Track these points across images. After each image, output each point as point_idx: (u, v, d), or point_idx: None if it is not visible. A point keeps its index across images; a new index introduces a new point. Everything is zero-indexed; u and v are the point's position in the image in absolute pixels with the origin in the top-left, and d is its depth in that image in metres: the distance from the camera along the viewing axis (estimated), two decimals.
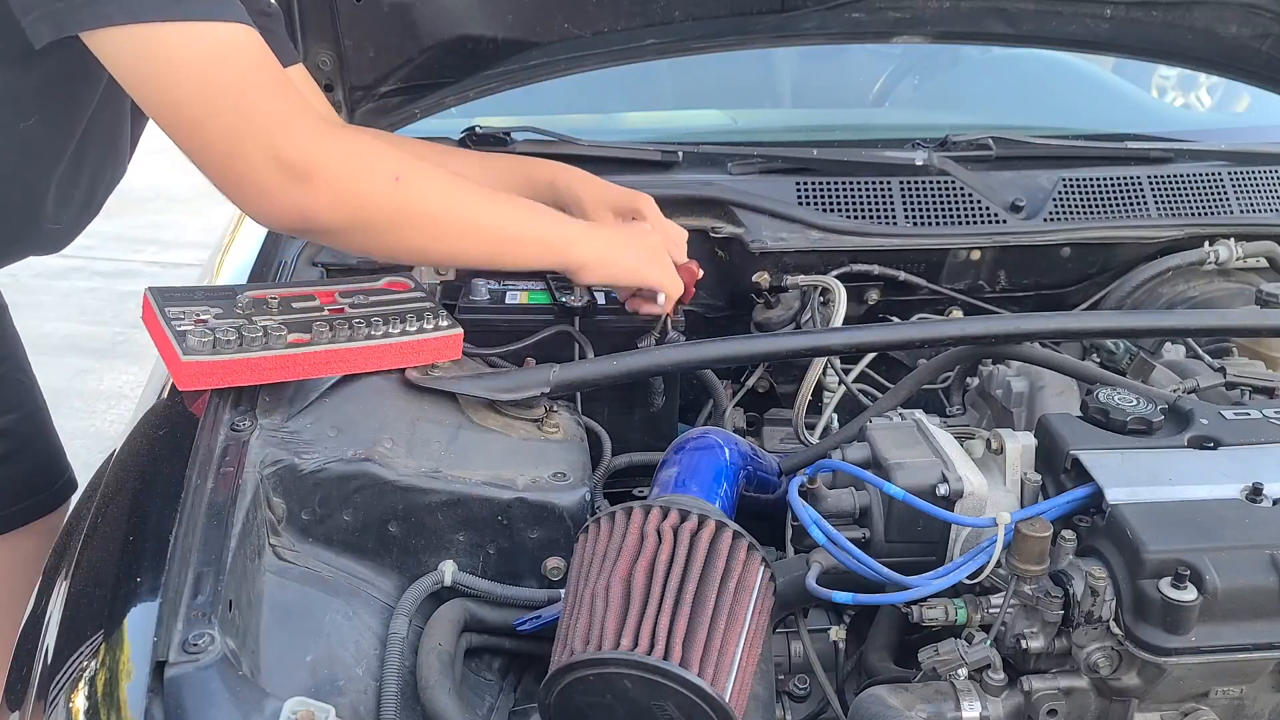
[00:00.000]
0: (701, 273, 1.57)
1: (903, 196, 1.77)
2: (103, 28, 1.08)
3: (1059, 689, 1.08)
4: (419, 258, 1.40)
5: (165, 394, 1.40)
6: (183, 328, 1.20)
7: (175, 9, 1.08)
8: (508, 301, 1.56)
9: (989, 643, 1.09)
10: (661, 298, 1.45)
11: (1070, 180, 1.82)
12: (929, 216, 1.76)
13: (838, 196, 1.76)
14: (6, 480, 1.60)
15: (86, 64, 1.13)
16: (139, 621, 1.00)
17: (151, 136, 1.48)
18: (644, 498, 1.19)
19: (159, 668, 0.90)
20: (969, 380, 1.64)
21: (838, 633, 1.26)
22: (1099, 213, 1.81)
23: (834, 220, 1.73)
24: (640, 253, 1.43)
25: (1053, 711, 1.07)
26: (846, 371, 1.67)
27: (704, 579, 1.04)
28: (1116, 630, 1.05)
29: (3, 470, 1.59)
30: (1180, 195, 1.85)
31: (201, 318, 1.23)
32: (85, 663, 1.00)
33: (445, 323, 1.33)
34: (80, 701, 0.98)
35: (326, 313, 1.29)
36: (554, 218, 1.41)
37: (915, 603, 1.13)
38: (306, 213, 1.18)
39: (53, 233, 1.52)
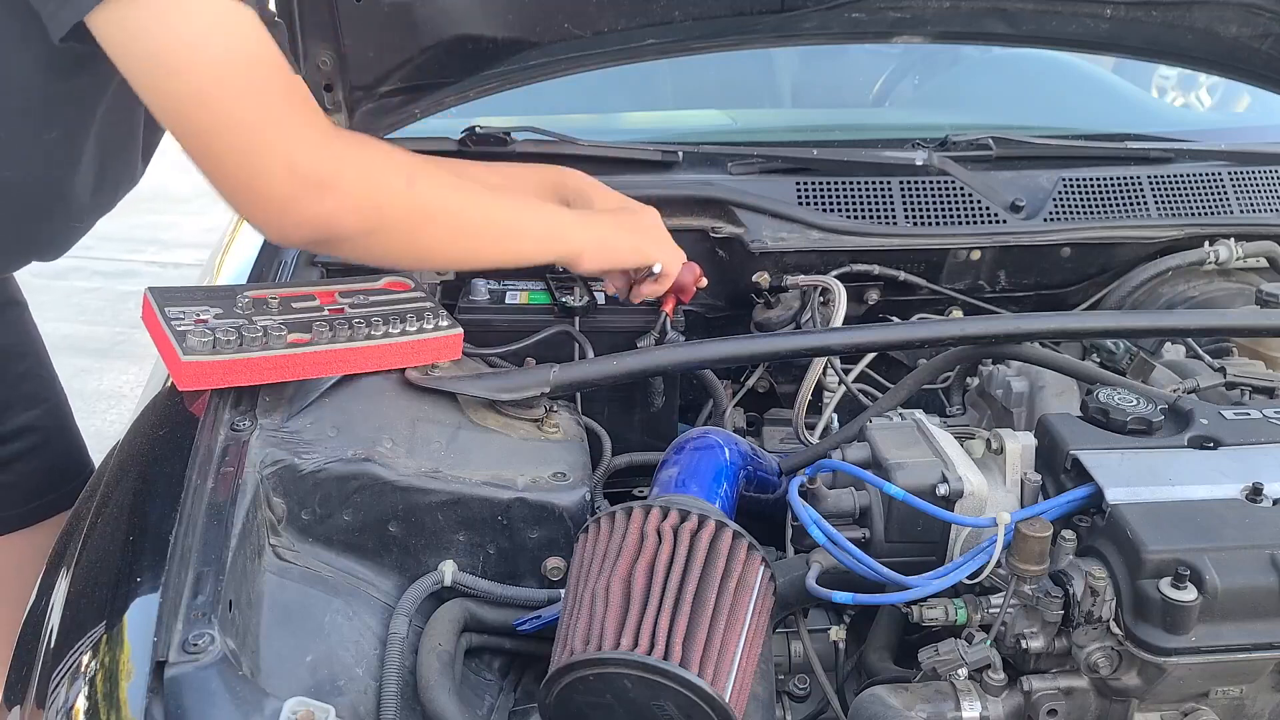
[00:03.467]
0: (705, 281, 1.57)
1: (903, 196, 1.77)
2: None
3: (1059, 689, 1.08)
4: (431, 259, 1.39)
5: (165, 394, 1.40)
6: (183, 328, 1.20)
7: None
8: (508, 301, 1.56)
9: (989, 643, 1.09)
10: (658, 266, 1.45)
11: (1070, 180, 1.82)
12: (929, 216, 1.76)
13: (838, 196, 1.76)
14: (30, 475, 1.61)
15: (99, 75, 1.12)
16: (139, 621, 1.00)
17: None
18: (644, 498, 1.19)
19: (159, 667, 0.90)
20: (969, 380, 1.64)
21: (838, 633, 1.26)
22: (1099, 213, 1.81)
23: (834, 220, 1.73)
24: (636, 233, 1.45)
25: (1053, 711, 1.07)
26: (846, 371, 1.67)
27: (704, 579, 1.04)
28: (1116, 630, 1.05)
29: (26, 465, 1.60)
30: (1180, 195, 1.85)
31: (201, 318, 1.23)
32: (85, 662, 1.00)
33: (445, 323, 1.33)
34: (80, 701, 0.98)
35: (326, 313, 1.29)
36: (550, 210, 1.42)
37: (915, 603, 1.13)
38: (329, 222, 1.16)
39: (75, 229, 1.52)
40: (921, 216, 1.76)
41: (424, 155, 1.55)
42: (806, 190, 1.76)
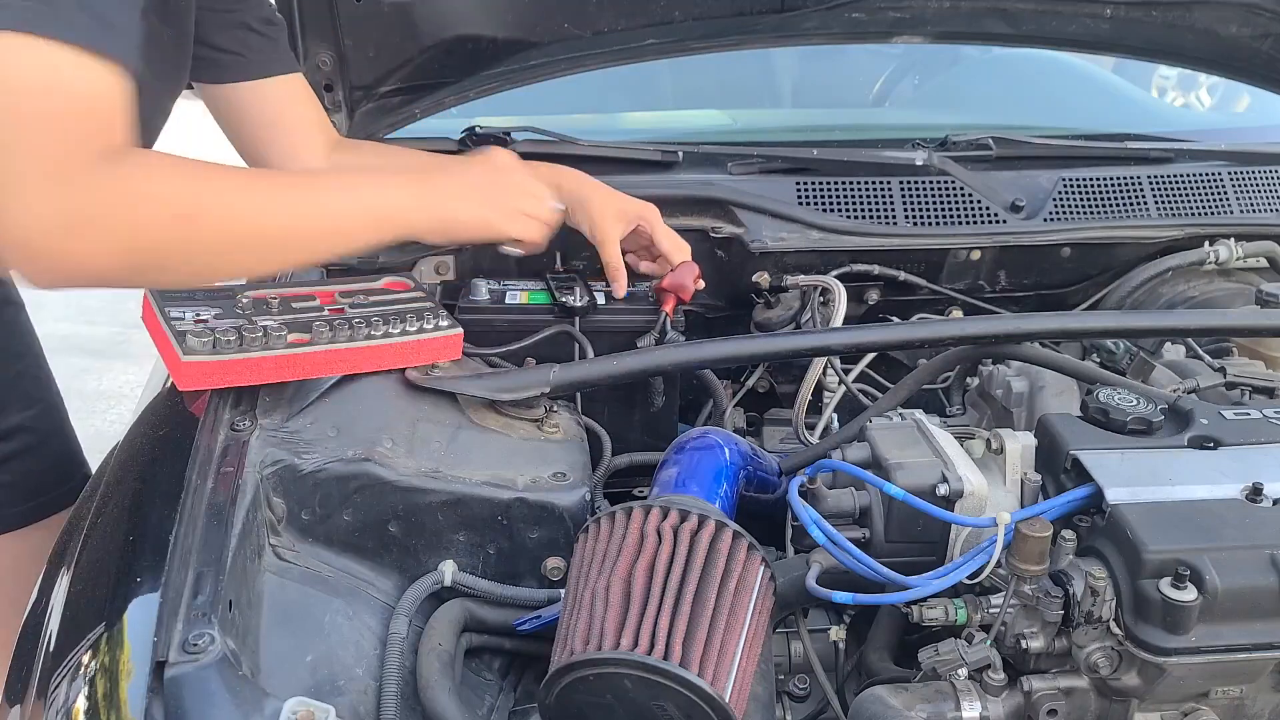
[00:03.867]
0: (703, 283, 1.57)
1: (903, 196, 1.77)
2: None
3: (1059, 689, 1.08)
4: (238, 274, 1.29)
5: (165, 394, 1.40)
6: (183, 328, 1.20)
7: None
8: (508, 301, 1.56)
9: (989, 643, 1.09)
10: (510, 247, 1.39)
11: (1070, 180, 1.82)
12: (929, 216, 1.76)
13: (838, 196, 1.76)
14: (23, 476, 1.61)
15: None
16: (139, 621, 1.00)
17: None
18: (644, 498, 1.19)
19: (159, 667, 0.90)
20: (969, 380, 1.64)
21: (838, 633, 1.26)
22: (1099, 213, 1.81)
23: (834, 220, 1.73)
24: (485, 204, 1.35)
25: (1053, 711, 1.07)
26: (846, 371, 1.67)
27: (704, 579, 1.04)
28: (1116, 630, 1.05)
29: (19, 465, 1.60)
30: (1180, 195, 1.85)
31: (201, 318, 1.23)
32: (85, 661, 1.00)
33: (445, 323, 1.33)
34: (80, 700, 0.98)
35: (326, 313, 1.29)
36: (384, 188, 1.30)
37: (915, 603, 1.13)
38: (86, 267, 1.04)
39: None
40: (921, 216, 1.76)
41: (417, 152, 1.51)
42: (806, 190, 1.76)
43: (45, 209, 1.00)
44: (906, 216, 1.76)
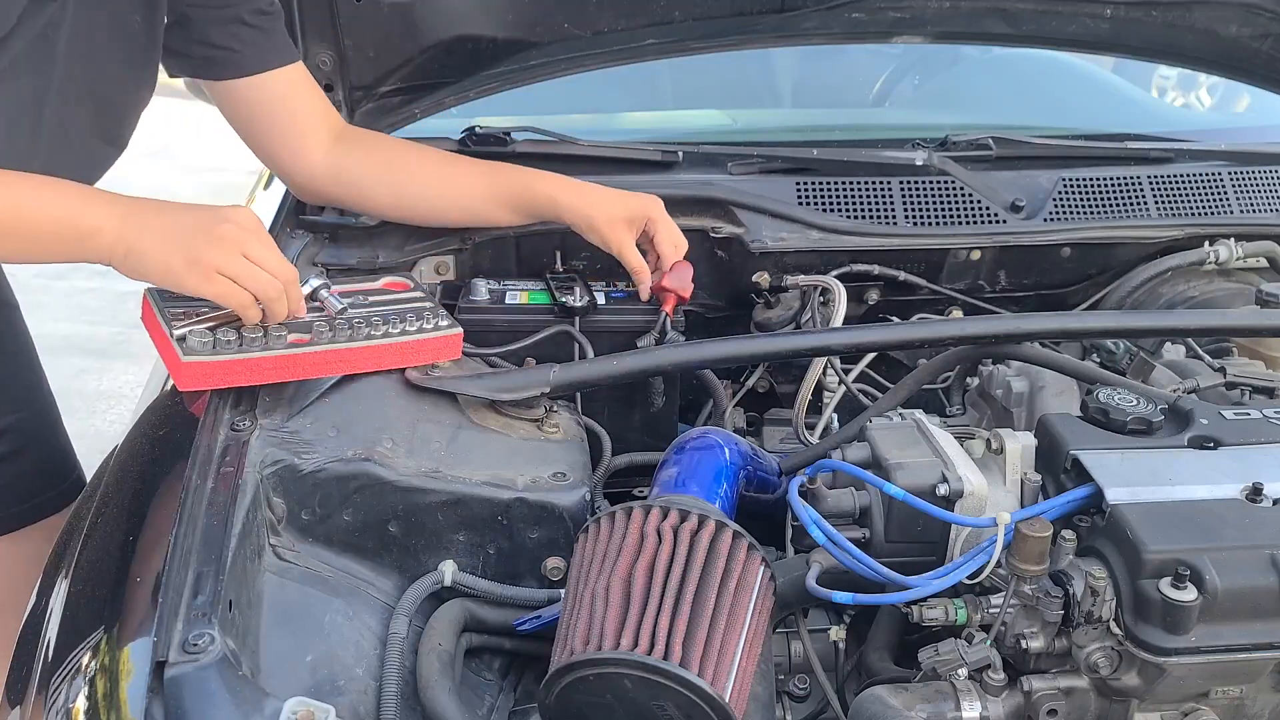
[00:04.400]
0: (691, 288, 1.56)
1: (903, 196, 1.77)
2: None
3: (1059, 689, 1.08)
4: None
5: (165, 394, 1.40)
6: (182, 328, 1.20)
7: None
8: (508, 301, 1.56)
9: (989, 643, 1.09)
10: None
11: (1070, 180, 1.82)
12: (929, 216, 1.76)
13: (838, 196, 1.76)
14: (14, 478, 1.60)
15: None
16: (139, 621, 1.00)
17: (151, 138, 1.48)
18: (644, 498, 1.19)
19: (159, 667, 0.90)
20: (969, 380, 1.64)
21: (838, 633, 1.26)
22: (1099, 213, 1.81)
23: (834, 220, 1.73)
24: (179, 252, 1.18)
25: (1053, 711, 1.07)
26: (846, 371, 1.67)
27: (704, 579, 1.04)
28: (1116, 630, 1.05)
29: (9, 468, 1.59)
30: (1180, 195, 1.85)
31: (201, 318, 1.23)
32: (86, 661, 1.00)
33: (445, 323, 1.33)
34: (80, 700, 0.98)
35: (326, 313, 1.29)
36: (80, 204, 1.20)
37: (915, 603, 1.13)
38: None
39: None
40: (921, 216, 1.76)
41: (426, 148, 1.51)
42: (806, 190, 1.76)
43: None
44: (906, 216, 1.76)
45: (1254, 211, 1.85)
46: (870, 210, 1.76)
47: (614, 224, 1.50)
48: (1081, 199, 1.81)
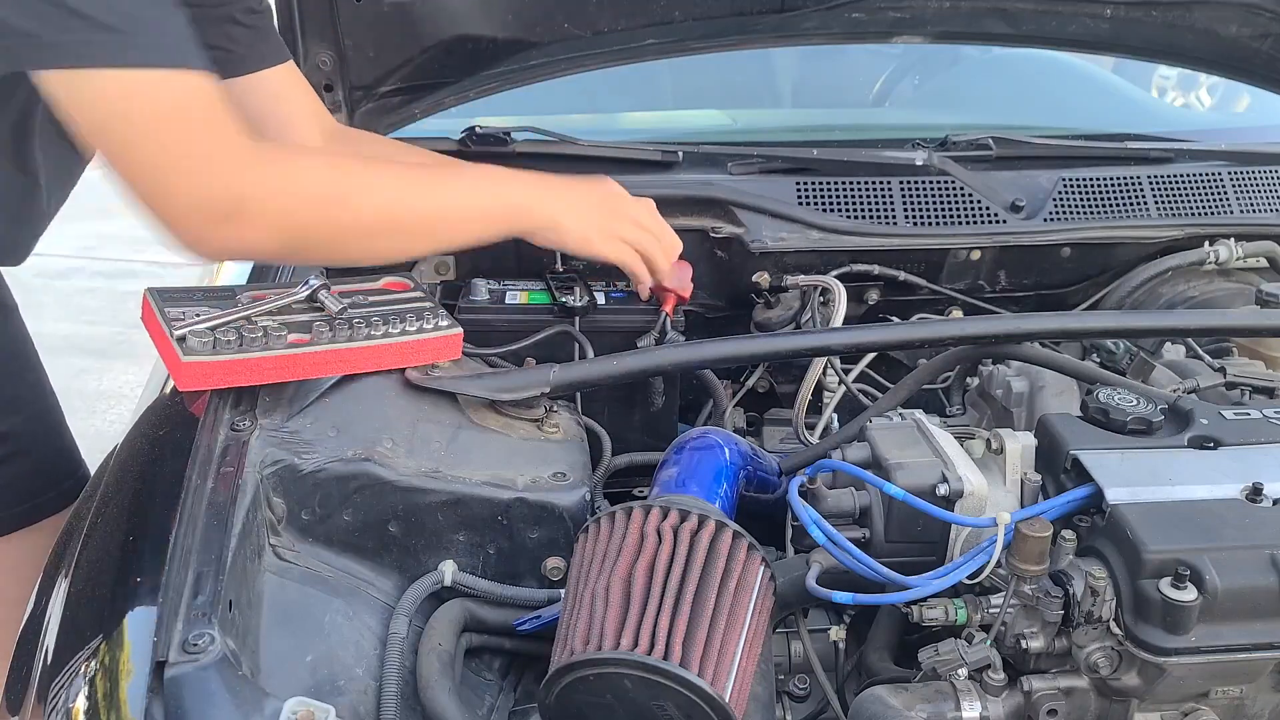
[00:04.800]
0: (691, 288, 1.57)
1: (903, 196, 1.77)
2: (45, 70, 1.10)
3: (1059, 689, 1.08)
4: (368, 260, 1.39)
5: (165, 394, 1.40)
6: (182, 328, 1.20)
7: (111, 56, 1.09)
8: (508, 301, 1.56)
9: (989, 643, 1.09)
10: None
11: (1070, 180, 1.82)
12: (929, 216, 1.76)
13: (838, 196, 1.76)
14: (16, 478, 1.60)
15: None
16: (139, 621, 1.00)
17: None
18: (644, 498, 1.19)
19: (159, 668, 0.90)
20: (969, 380, 1.64)
21: (838, 633, 1.26)
22: (1099, 213, 1.81)
23: (834, 220, 1.73)
24: (592, 223, 1.42)
25: (1053, 711, 1.07)
26: (846, 371, 1.67)
27: (704, 579, 1.04)
28: (1116, 630, 1.05)
29: (13, 468, 1.59)
30: (1180, 195, 1.85)
31: (201, 318, 1.23)
32: (85, 663, 1.00)
33: (445, 323, 1.33)
34: (80, 701, 0.98)
35: (326, 313, 1.29)
36: (502, 185, 1.39)
37: (915, 603, 1.13)
38: (246, 246, 1.22)
39: (40, 228, 1.51)
40: (921, 216, 1.76)
41: (420, 150, 1.52)
42: (806, 190, 1.76)
43: (205, 203, 1.14)
44: (906, 216, 1.76)
45: (1254, 211, 1.85)
46: (870, 210, 1.76)
47: None
48: (1081, 199, 1.81)
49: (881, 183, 1.78)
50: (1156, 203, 1.83)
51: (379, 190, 1.29)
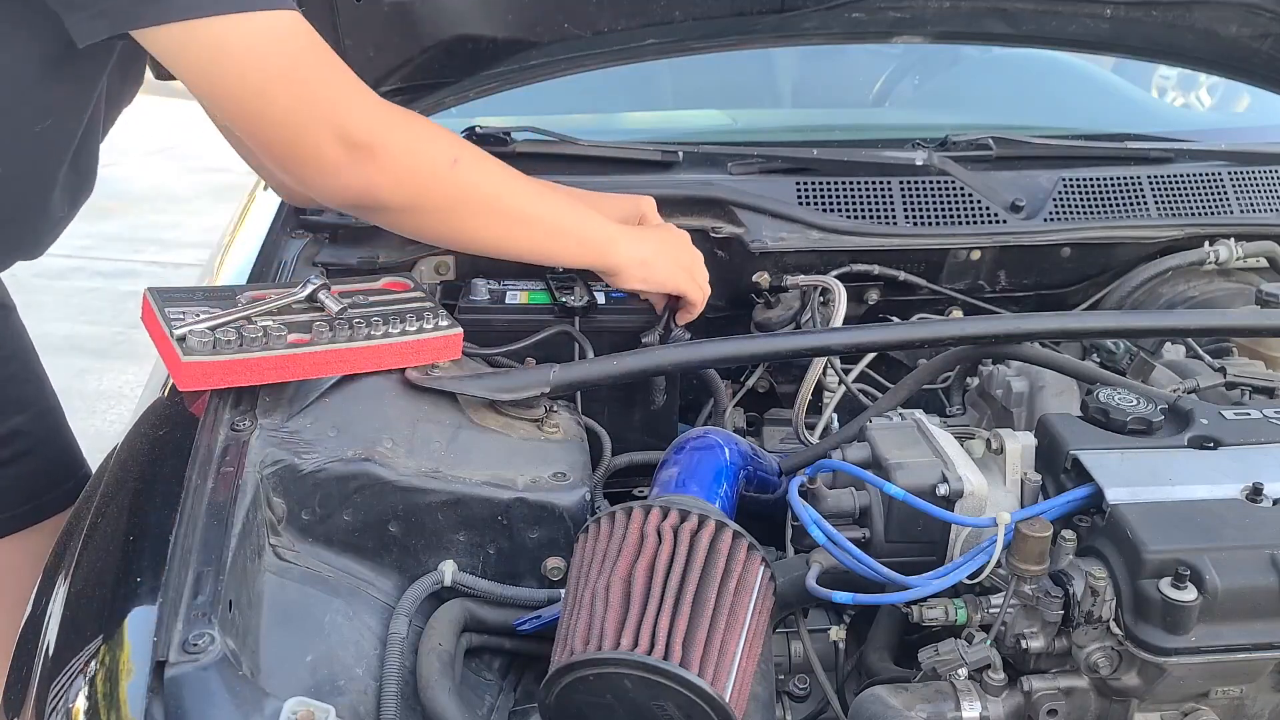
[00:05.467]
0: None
1: (903, 196, 1.77)
2: (159, 25, 1.10)
3: (1059, 689, 1.08)
4: (467, 243, 1.42)
5: (165, 394, 1.40)
6: (182, 328, 1.20)
7: (228, 2, 1.10)
8: (508, 301, 1.55)
9: (989, 643, 1.09)
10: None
11: (1070, 180, 1.82)
12: (929, 216, 1.76)
13: (838, 196, 1.76)
14: (18, 479, 1.60)
15: (99, 63, 1.12)
16: (139, 621, 1.00)
17: (151, 137, 1.48)
18: (644, 498, 1.19)
19: (159, 668, 0.90)
20: (969, 380, 1.64)
21: (838, 633, 1.26)
22: (1099, 213, 1.81)
23: (834, 220, 1.73)
24: (675, 263, 1.47)
25: (1053, 711, 1.07)
26: (846, 371, 1.67)
27: (704, 579, 1.04)
28: (1116, 630, 1.05)
29: (15, 469, 1.60)
30: (1180, 195, 1.85)
31: (201, 318, 1.23)
32: (85, 663, 1.00)
33: (445, 323, 1.33)
34: (80, 701, 0.98)
35: (326, 313, 1.29)
36: (597, 220, 1.43)
37: (915, 603, 1.13)
38: (371, 188, 1.23)
39: (57, 225, 1.51)
40: (921, 216, 1.76)
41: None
42: (806, 190, 1.76)
43: (345, 134, 1.17)
44: (906, 216, 1.76)
45: (1254, 211, 1.85)
46: (870, 210, 1.76)
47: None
48: (1081, 199, 1.81)
49: (881, 183, 1.78)
50: (1156, 203, 1.83)
51: (498, 175, 1.33)
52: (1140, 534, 1.04)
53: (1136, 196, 1.83)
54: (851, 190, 1.77)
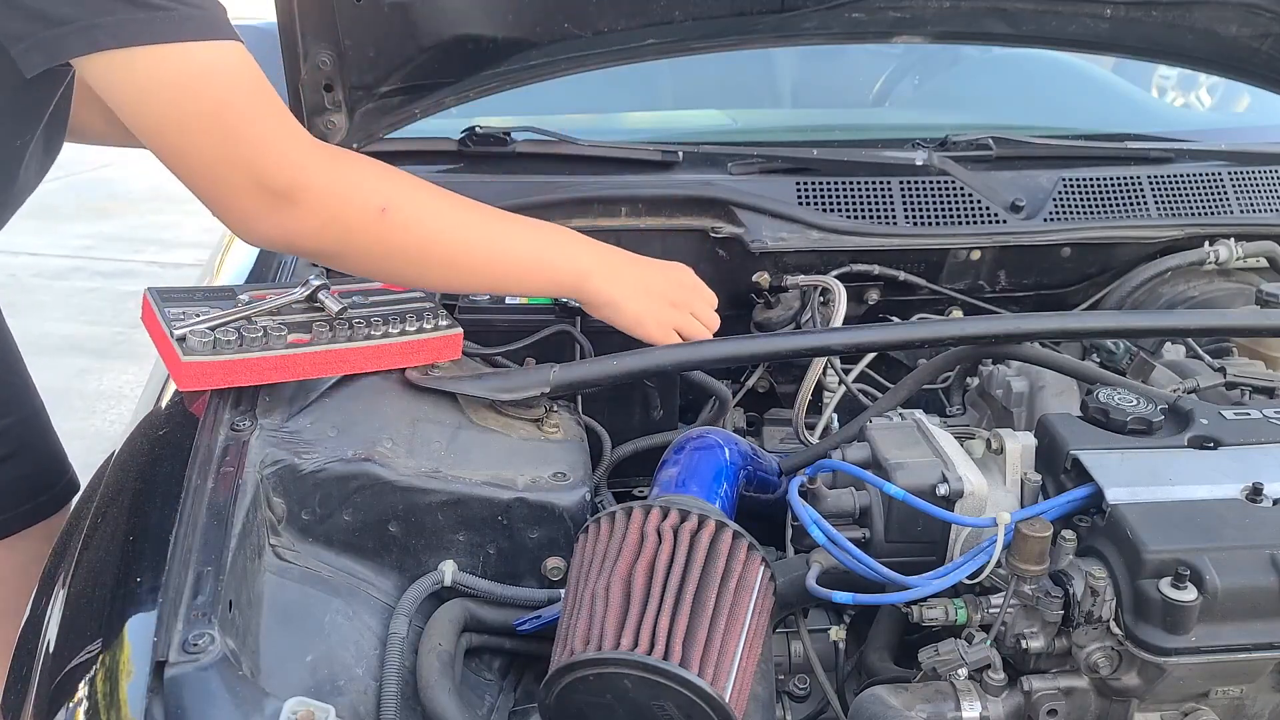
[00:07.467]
0: None
1: (903, 196, 1.77)
2: (91, 54, 1.08)
3: (1059, 689, 1.08)
4: (413, 284, 1.38)
5: (165, 394, 1.40)
6: (182, 328, 1.20)
7: (162, 32, 1.07)
8: (508, 301, 1.56)
9: (989, 643, 1.09)
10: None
11: (1070, 180, 1.82)
12: (929, 216, 1.76)
13: (838, 196, 1.76)
14: (5, 484, 1.60)
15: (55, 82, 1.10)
16: (139, 622, 1.00)
17: None
18: (644, 497, 1.19)
19: (159, 668, 0.90)
20: (969, 380, 1.65)
21: (838, 633, 1.26)
22: (1099, 213, 1.81)
23: (834, 220, 1.73)
24: (650, 309, 1.40)
25: (1053, 711, 1.07)
26: (846, 371, 1.67)
27: (704, 579, 1.04)
28: (1116, 630, 1.05)
29: (11, 470, 1.59)
30: (1180, 195, 1.85)
31: (201, 318, 1.23)
32: (85, 662, 1.00)
33: (445, 323, 1.33)
34: (80, 702, 0.98)
35: (326, 313, 1.29)
36: (569, 246, 1.38)
37: (915, 603, 1.13)
38: (289, 235, 1.19)
39: (22, 194, 1.50)
40: (921, 216, 1.76)
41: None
42: (806, 190, 1.76)
43: (263, 181, 1.13)
44: (906, 216, 1.76)
45: (1254, 211, 1.85)
46: (870, 210, 1.76)
47: None
48: (1081, 199, 1.81)
49: (881, 183, 1.78)
50: (1156, 203, 1.83)
51: (437, 216, 1.26)
52: (1140, 534, 1.04)
53: (1136, 196, 1.83)
54: (851, 190, 1.77)
